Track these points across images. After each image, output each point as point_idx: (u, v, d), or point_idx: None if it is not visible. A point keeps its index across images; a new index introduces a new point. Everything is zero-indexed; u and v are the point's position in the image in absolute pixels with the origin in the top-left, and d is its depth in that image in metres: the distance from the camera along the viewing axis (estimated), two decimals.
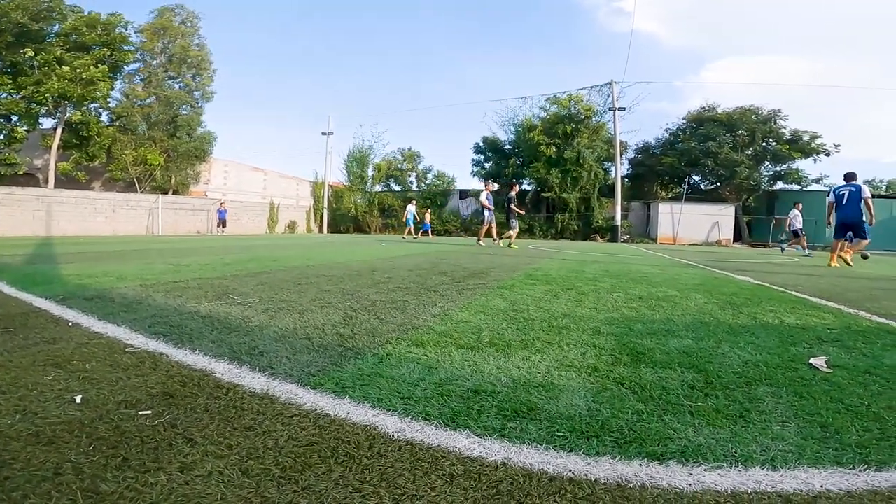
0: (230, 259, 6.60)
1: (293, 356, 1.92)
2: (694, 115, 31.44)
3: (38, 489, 0.97)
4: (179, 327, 2.35)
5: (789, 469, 1.13)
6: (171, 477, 1.02)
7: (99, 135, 22.09)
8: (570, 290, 4.07)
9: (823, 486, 1.06)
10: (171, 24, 25.21)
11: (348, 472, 1.06)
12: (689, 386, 1.69)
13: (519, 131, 30.87)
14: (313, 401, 1.46)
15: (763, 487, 1.05)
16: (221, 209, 23.57)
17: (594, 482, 1.06)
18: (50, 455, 1.10)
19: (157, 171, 23.91)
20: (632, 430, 1.32)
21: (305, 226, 32.28)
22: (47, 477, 1.01)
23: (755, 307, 3.42)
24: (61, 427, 1.24)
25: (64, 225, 18.44)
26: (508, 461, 1.14)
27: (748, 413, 1.46)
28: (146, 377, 1.64)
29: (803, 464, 1.15)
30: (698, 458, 1.17)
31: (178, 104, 25.38)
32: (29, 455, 1.09)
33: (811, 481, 1.07)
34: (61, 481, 0.99)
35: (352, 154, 34.18)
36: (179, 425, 1.27)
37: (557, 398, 1.54)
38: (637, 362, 1.96)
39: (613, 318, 2.91)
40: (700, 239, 27.19)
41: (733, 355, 2.11)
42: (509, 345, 2.19)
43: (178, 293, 3.39)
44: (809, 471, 1.12)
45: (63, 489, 0.97)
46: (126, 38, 23.49)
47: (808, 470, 1.13)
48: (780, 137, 28.59)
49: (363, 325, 2.51)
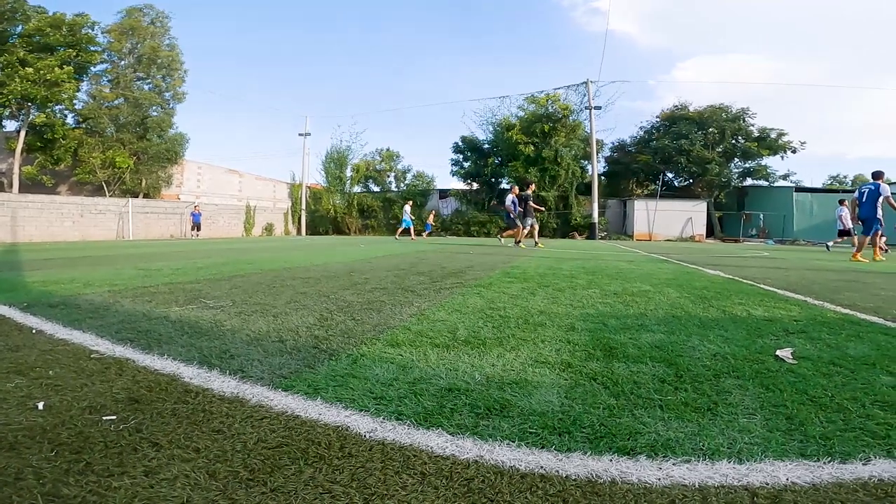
0: (203, 263, 6.47)
1: (265, 359, 1.89)
2: (667, 113, 32.12)
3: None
4: (147, 332, 2.30)
5: (755, 462, 1.13)
6: (136, 481, 1.01)
7: (64, 137, 21.41)
8: (546, 288, 4.11)
9: (789, 478, 1.06)
10: (139, 24, 24.58)
11: (318, 473, 1.05)
12: (659, 380, 1.71)
13: (497, 131, 31.02)
14: (284, 403, 1.44)
15: (730, 481, 1.05)
16: (195, 212, 23.07)
17: (565, 478, 1.06)
18: (11, 460, 1.08)
19: (127, 174, 23.28)
20: (603, 426, 1.33)
21: (283, 228, 31.86)
22: (8, 482, 0.99)
23: (725, 300, 3.51)
24: (23, 433, 1.21)
25: (30, 231, 17.83)
26: (480, 459, 1.14)
27: (716, 406, 1.47)
28: (111, 383, 1.60)
29: (769, 456, 1.16)
30: (667, 453, 1.18)
31: (147, 105, 24.75)
32: None
33: (776, 474, 1.08)
34: (22, 486, 0.98)
35: (329, 155, 33.88)
36: (145, 430, 1.25)
37: (531, 395, 1.55)
38: (610, 357, 1.99)
39: (588, 313, 2.94)
40: (674, 235, 27.77)
41: (703, 348, 2.14)
42: (485, 343, 2.19)
43: (147, 298, 3.31)
44: (775, 463, 1.13)
45: (24, 493, 0.95)
46: (93, 38, 22.83)
47: (773, 463, 1.13)
48: (749, 135, 29.44)
49: (338, 327, 2.49)
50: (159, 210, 23.33)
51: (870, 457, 1.16)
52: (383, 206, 33.15)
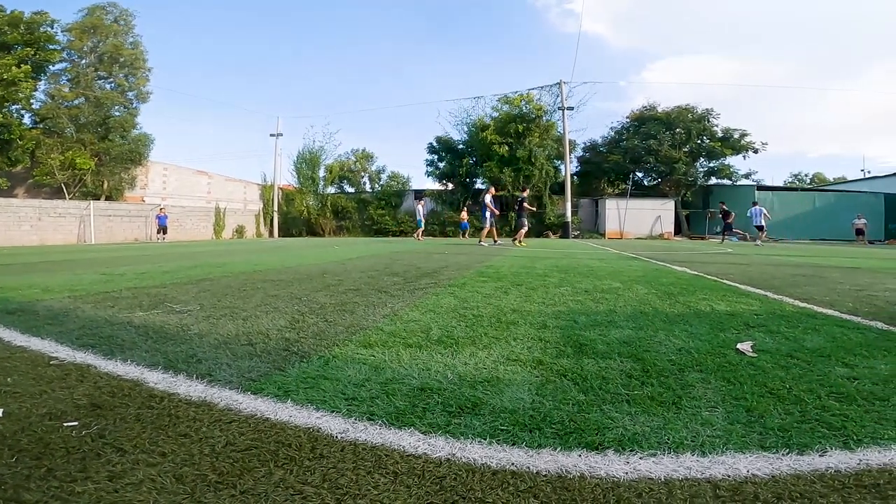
0: (170, 267, 6.30)
1: (234, 362, 1.86)
2: (637, 114, 32.85)
3: None
4: (110, 338, 2.23)
5: (717, 455, 1.16)
6: (100, 486, 0.99)
7: (21, 138, 20.48)
8: (519, 286, 4.15)
9: (749, 470, 1.09)
10: (101, 22, 23.72)
11: (289, 475, 1.05)
12: (627, 375, 1.75)
13: (472, 131, 31.10)
14: (253, 406, 1.43)
15: (693, 474, 1.08)
16: (161, 215, 22.38)
17: (535, 474, 1.08)
18: None
19: (88, 175, 22.43)
20: (572, 421, 1.35)
21: (255, 230, 31.22)
22: None
23: (690, 296, 3.61)
24: None
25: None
26: (452, 457, 1.15)
27: (680, 400, 1.51)
28: (72, 389, 1.56)
29: (730, 449, 1.19)
30: (634, 447, 1.20)
31: (109, 105, 23.91)
32: None
33: (737, 466, 1.11)
34: None
35: (301, 155, 33.38)
36: (108, 435, 1.22)
37: (502, 392, 1.57)
38: (580, 354, 2.02)
39: (560, 311, 2.99)
40: (644, 233, 28.43)
41: (668, 343, 2.20)
42: (457, 342, 2.20)
43: (109, 303, 3.21)
44: (736, 456, 1.16)
45: None
46: (52, 36, 21.93)
47: (734, 455, 1.16)
48: (713, 135, 30.39)
49: (310, 329, 2.46)
50: (122, 213, 22.56)
51: (826, 448, 1.19)
52: (358, 207, 32.85)
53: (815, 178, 54.81)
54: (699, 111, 30.43)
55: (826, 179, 51.73)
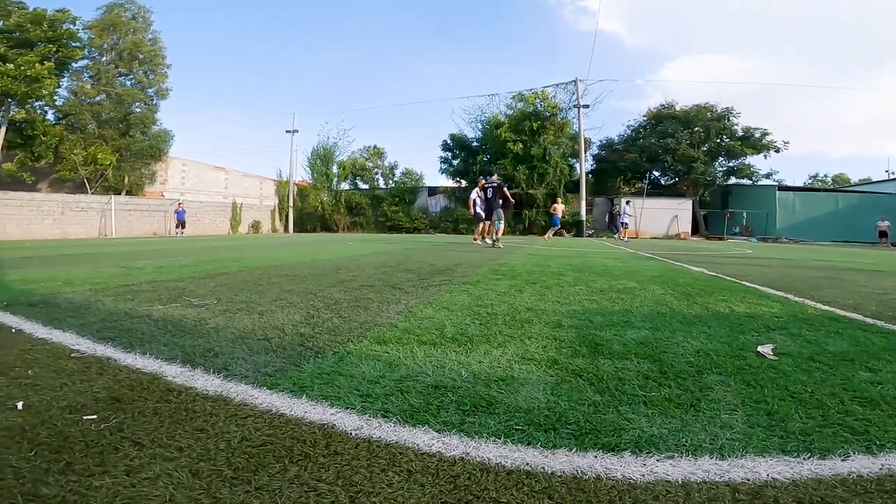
0: (188, 261, 6.39)
1: (250, 357, 1.88)
2: (653, 112, 32.43)
3: None
4: (129, 331, 2.26)
5: (737, 458, 1.14)
6: (117, 480, 1.00)
7: (45, 134, 20.92)
8: (534, 285, 4.13)
9: (770, 474, 1.07)
10: (120, 19, 24.09)
11: (303, 471, 1.05)
12: (644, 376, 1.73)
13: (486, 128, 31.00)
14: (269, 401, 1.43)
15: (712, 477, 1.06)
16: (180, 210, 22.72)
17: (550, 475, 1.07)
18: None
19: (109, 170, 22.84)
20: (588, 422, 1.33)
21: (270, 226, 31.54)
22: None
23: (708, 297, 3.55)
24: (1, 433, 1.19)
25: (9, 229, 17.42)
26: (467, 456, 1.14)
27: (698, 402, 1.48)
28: (92, 382, 1.57)
29: (750, 452, 1.17)
30: (651, 449, 1.19)
31: (130, 102, 24.31)
32: None
33: (758, 470, 1.09)
34: (1, 485, 0.96)
35: (315, 151, 33.57)
36: (126, 429, 1.23)
37: (517, 391, 1.56)
38: (596, 354, 2.00)
39: (575, 310, 2.96)
40: (660, 232, 28.08)
41: (686, 345, 2.17)
42: (472, 340, 2.19)
43: (129, 297, 3.26)
44: (756, 459, 1.13)
45: (3, 493, 0.94)
46: (74, 34, 22.32)
47: (754, 458, 1.14)
48: (733, 134, 29.86)
49: (325, 324, 2.47)
50: (143, 207, 22.95)
51: (849, 453, 1.17)
52: (371, 203, 32.96)
53: (837, 178, 53.49)
54: (719, 110, 29.92)
55: (848, 180, 50.42)
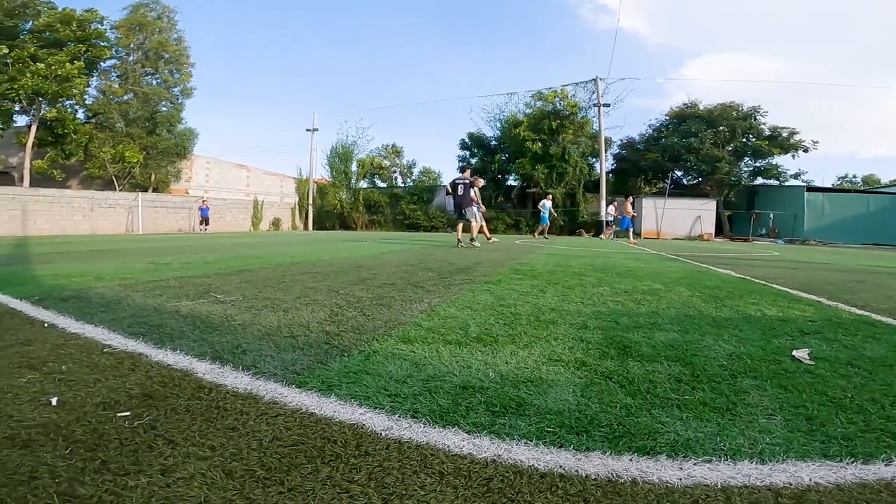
0: (212, 257, 6.49)
1: (277, 354, 1.89)
2: (676, 111, 31.82)
3: (14, 493, 0.93)
4: (159, 327, 2.30)
5: (778, 462, 1.13)
6: (152, 479, 1.00)
7: (75, 132, 21.53)
8: (556, 285, 4.09)
9: (812, 479, 1.06)
10: (146, 19, 24.63)
11: (335, 472, 1.04)
12: (675, 379, 1.70)
13: (504, 127, 30.88)
14: (298, 400, 1.43)
15: (752, 481, 1.05)
16: (203, 207, 23.16)
17: (585, 478, 1.05)
18: (25, 458, 1.06)
19: (136, 168, 23.40)
20: (621, 425, 1.32)
21: (290, 223, 31.93)
22: (23, 481, 0.98)
23: (737, 300, 3.47)
24: (37, 430, 1.20)
25: (40, 224, 17.97)
26: (498, 458, 1.13)
27: (734, 406, 1.46)
28: (125, 378, 1.59)
29: (791, 457, 1.16)
30: (688, 452, 1.17)
31: (156, 101, 24.86)
32: (4, 459, 1.06)
33: (800, 474, 1.07)
34: (37, 485, 0.96)
35: (334, 150, 33.85)
36: (160, 427, 1.24)
37: (546, 393, 1.54)
38: (624, 356, 1.97)
39: (600, 311, 2.92)
40: (683, 233, 27.56)
41: (718, 348, 2.12)
42: (497, 340, 2.18)
43: (158, 292, 3.32)
44: (798, 464, 1.12)
45: (39, 493, 0.94)
46: (102, 33, 22.89)
47: (796, 463, 1.13)
48: (760, 133, 29.12)
49: (349, 322, 2.48)
50: (168, 204, 23.46)
51: (892, 457, 1.16)
52: (390, 201, 33.11)
53: (867, 179, 51.81)
54: (745, 108, 29.22)
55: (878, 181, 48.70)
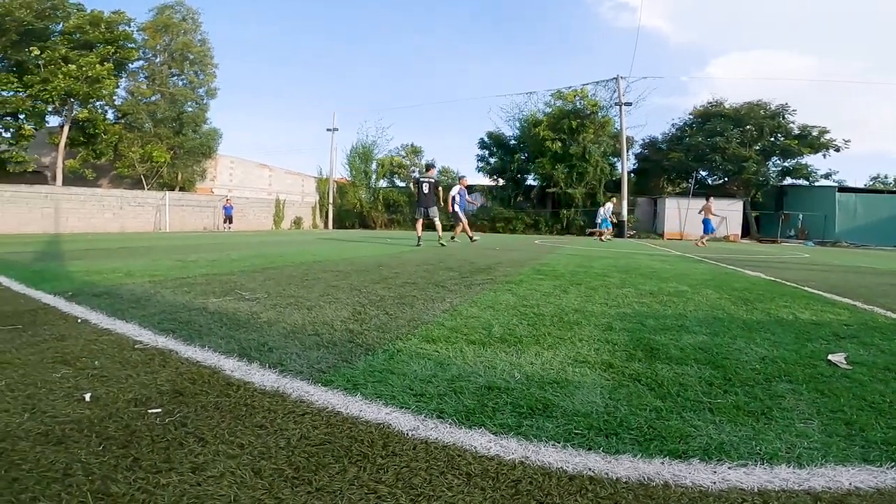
0: (237, 255, 6.60)
1: (303, 352, 1.90)
2: (700, 110, 31.22)
3: (48, 491, 0.94)
4: (188, 323, 2.33)
5: (816, 467, 1.11)
6: (183, 478, 1.00)
7: (105, 132, 22.13)
8: (579, 286, 4.04)
9: (852, 483, 1.04)
10: (171, 21, 25.15)
11: (363, 472, 1.04)
12: (707, 382, 1.66)
13: (524, 127, 30.71)
14: (324, 398, 1.44)
15: (790, 485, 1.03)
16: (227, 205, 23.61)
17: (616, 481, 1.04)
18: (59, 455, 1.07)
19: (164, 168, 23.95)
20: (651, 428, 1.29)
21: (311, 222, 32.30)
22: (56, 478, 0.98)
23: (768, 303, 3.38)
24: (70, 426, 1.21)
25: (72, 222, 18.54)
26: (526, 459, 1.12)
27: (770, 410, 1.43)
28: (156, 374, 1.62)
29: (830, 461, 1.13)
30: (722, 456, 1.15)
31: (182, 101, 25.40)
32: (38, 455, 1.07)
33: (839, 479, 1.05)
34: (71, 482, 0.97)
35: (354, 149, 34.10)
36: (190, 424, 1.25)
37: (573, 395, 1.51)
38: (652, 358, 1.93)
39: (625, 313, 2.87)
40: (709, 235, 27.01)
41: (750, 351, 2.07)
42: (521, 340, 2.16)
43: (186, 289, 3.38)
44: (837, 468, 1.10)
45: (73, 491, 0.94)
46: (130, 35, 23.46)
47: (835, 468, 1.11)
48: (789, 133, 28.36)
49: (372, 321, 2.49)
50: (194, 203, 23.96)
51: None
52: (409, 201, 33.22)
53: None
54: (773, 107, 28.47)
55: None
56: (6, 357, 1.74)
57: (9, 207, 16.79)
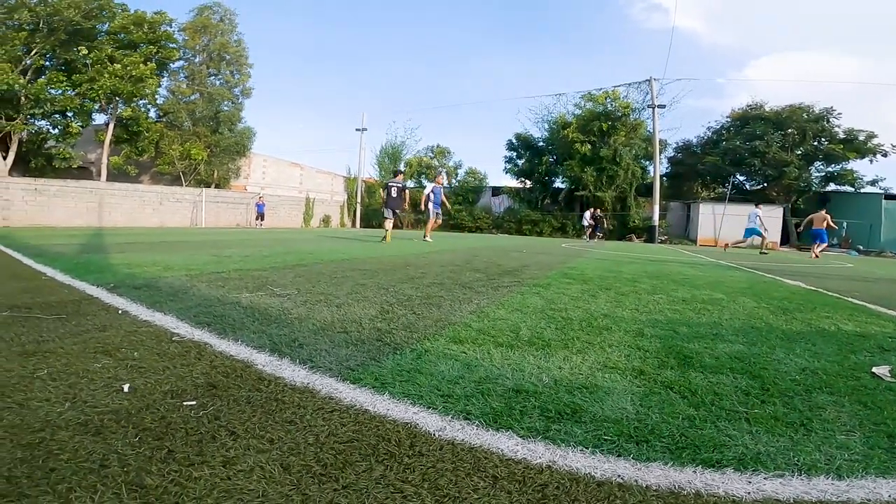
0: (268, 251, 6.75)
1: (332, 349, 1.92)
2: (739, 112, 30.28)
3: (84, 482, 0.95)
4: (222, 317, 2.39)
5: (856, 478, 1.08)
6: (215, 471, 1.01)
7: (148, 130, 22.95)
8: (608, 291, 3.97)
9: (892, 495, 1.01)
10: (210, 21, 25.86)
11: (389, 472, 1.04)
12: (743, 392, 1.62)
13: (553, 129, 30.44)
14: (353, 396, 1.45)
15: (829, 497, 1.01)
16: (260, 203, 24.17)
17: (645, 488, 1.02)
18: (97, 446, 1.09)
19: (201, 165, 24.69)
20: (684, 436, 1.27)
21: (339, 220, 32.74)
22: (93, 469, 0.99)
23: (809, 313, 3.25)
24: (109, 416, 1.24)
25: (115, 216, 19.31)
26: (553, 464, 1.11)
27: (809, 421, 1.39)
28: (191, 367, 1.66)
29: (871, 473, 1.11)
30: (757, 466, 1.13)
31: (219, 100, 26.11)
32: (76, 445, 1.08)
33: (879, 490, 1.03)
34: (107, 474, 0.98)
35: (384, 149, 34.42)
36: (223, 417, 1.27)
37: (602, 400, 1.49)
38: (685, 366, 1.89)
39: (656, 320, 2.81)
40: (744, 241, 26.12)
41: (789, 362, 2.00)
42: (549, 344, 2.13)
43: (220, 283, 3.48)
44: (878, 480, 1.07)
45: (108, 482, 0.95)
46: (171, 35, 24.26)
47: (875, 479, 1.08)
48: (833, 136, 27.19)
49: (400, 320, 2.50)
50: (228, 200, 24.62)
51: None
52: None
53: None
54: (817, 110, 27.34)
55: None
56: (50, 346, 1.82)
57: (56, 201, 17.60)
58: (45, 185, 17.50)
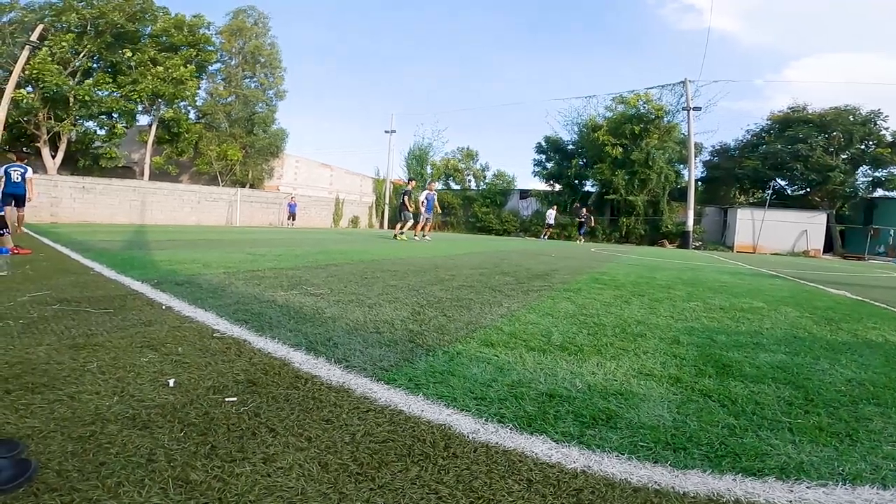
0: (300, 251, 6.88)
1: (366, 349, 1.95)
2: (780, 115, 29.12)
3: (132, 476, 0.97)
4: (260, 315, 2.46)
5: None
6: (255, 468, 1.03)
7: (188, 131, 23.75)
8: (641, 297, 3.89)
9: None
10: (244, 24, 26.53)
11: (424, 472, 1.05)
12: (786, 402, 1.58)
13: (583, 131, 29.88)
14: (387, 396, 1.47)
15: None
16: (292, 203, 24.66)
17: (683, 495, 1.01)
18: (144, 440, 1.12)
19: (237, 166, 25.37)
20: (723, 445, 1.25)
21: (368, 221, 33.08)
22: (141, 463, 1.02)
23: (855, 323, 3.12)
24: (155, 411, 1.28)
25: (156, 214, 20.03)
26: (588, 469, 1.10)
27: (855, 432, 1.36)
28: (232, 363, 1.71)
29: None
30: (800, 475, 1.11)
31: (254, 102, 26.77)
32: (125, 439, 1.12)
33: None
34: (154, 468, 1.00)
35: (412, 151, 34.56)
36: (262, 414, 1.30)
37: (638, 407, 1.47)
38: (724, 375, 1.84)
39: (693, 327, 2.74)
40: (785, 248, 25.11)
41: (834, 373, 1.94)
42: (581, 349, 2.11)
43: (256, 282, 3.57)
44: None
45: (155, 477, 0.97)
46: (209, 38, 25.02)
47: None
48: (881, 140, 25.85)
49: (431, 322, 2.52)
50: (262, 200, 25.20)
51: None
52: (463, 203, 33.26)
53: None
54: (863, 113, 26.08)
55: None
56: (99, 340, 1.90)
57: (101, 199, 18.37)
58: (91, 184, 18.28)
